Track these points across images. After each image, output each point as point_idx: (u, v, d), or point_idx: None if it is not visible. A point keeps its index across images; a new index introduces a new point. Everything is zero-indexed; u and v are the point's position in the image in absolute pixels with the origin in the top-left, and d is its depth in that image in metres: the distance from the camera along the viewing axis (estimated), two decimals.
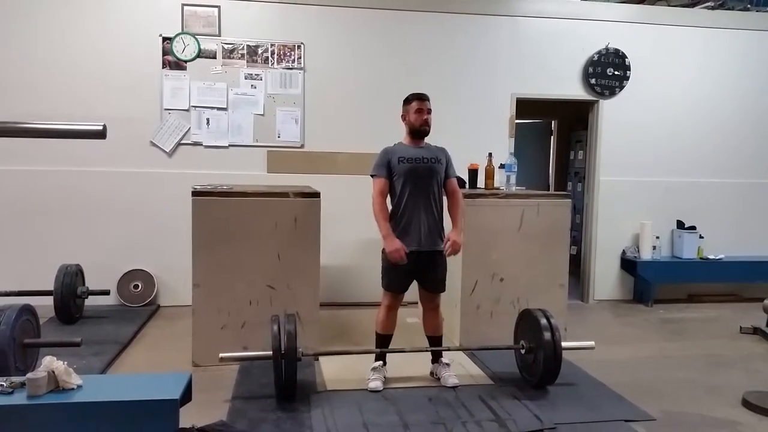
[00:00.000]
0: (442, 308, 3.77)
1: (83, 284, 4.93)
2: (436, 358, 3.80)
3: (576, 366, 3.99)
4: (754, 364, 4.27)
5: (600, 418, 3.24)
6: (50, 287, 4.65)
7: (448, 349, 3.76)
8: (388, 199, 3.67)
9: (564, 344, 3.55)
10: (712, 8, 6.33)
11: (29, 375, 2.33)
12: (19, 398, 2.28)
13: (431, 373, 3.79)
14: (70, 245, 5.28)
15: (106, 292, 5.05)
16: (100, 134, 2.53)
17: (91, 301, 5.00)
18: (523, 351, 3.68)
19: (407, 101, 3.68)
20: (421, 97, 3.65)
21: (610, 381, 3.77)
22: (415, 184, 3.59)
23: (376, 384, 3.56)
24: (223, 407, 3.28)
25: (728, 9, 6.33)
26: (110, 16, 5.36)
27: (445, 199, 3.74)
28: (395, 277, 3.62)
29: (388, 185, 3.63)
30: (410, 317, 4.91)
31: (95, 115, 5.06)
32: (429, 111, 3.65)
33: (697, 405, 3.50)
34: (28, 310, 3.48)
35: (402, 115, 3.71)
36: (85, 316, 4.92)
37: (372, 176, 3.66)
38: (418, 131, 3.64)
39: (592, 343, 3.82)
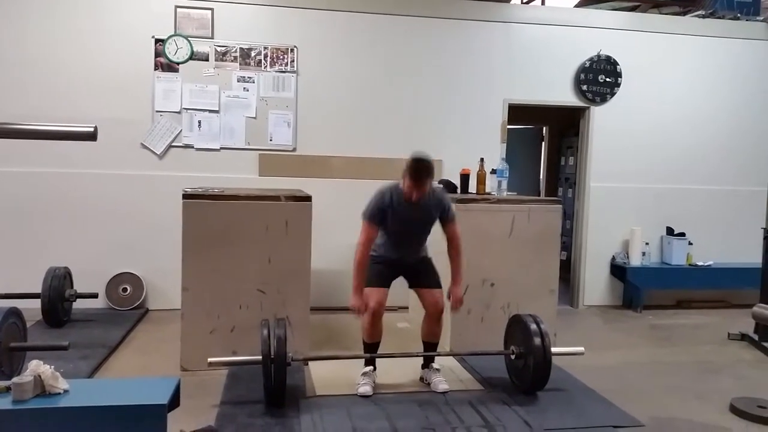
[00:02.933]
0: None
1: (71, 287, 4.89)
2: (427, 363, 3.80)
3: (565, 371, 4.00)
4: (742, 371, 4.30)
5: (589, 423, 3.25)
6: (38, 290, 4.61)
7: (438, 354, 3.75)
8: None
9: (554, 350, 3.56)
10: (703, 17, 6.39)
11: (15, 379, 2.30)
12: (4, 403, 2.25)
13: (421, 378, 3.79)
14: (58, 248, 5.24)
15: (95, 296, 5.01)
16: (91, 136, 2.51)
17: (79, 305, 4.97)
18: (513, 356, 3.68)
19: (407, 173, 3.42)
20: (417, 177, 3.40)
21: (599, 387, 3.78)
22: (404, 234, 3.67)
23: (365, 389, 3.55)
24: (211, 412, 3.26)
25: (719, 18, 6.39)
26: (102, 17, 5.33)
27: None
28: (376, 270, 3.63)
29: (377, 233, 3.61)
30: (401, 322, 4.91)
31: (85, 116, 5.03)
32: (423, 188, 3.44)
33: (685, 411, 3.51)
34: (15, 313, 3.45)
35: (402, 175, 3.50)
36: (72, 320, 4.88)
37: (363, 218, 3.58)
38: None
39: (581, 348, 3.84)
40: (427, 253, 3.81)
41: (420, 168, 3.40)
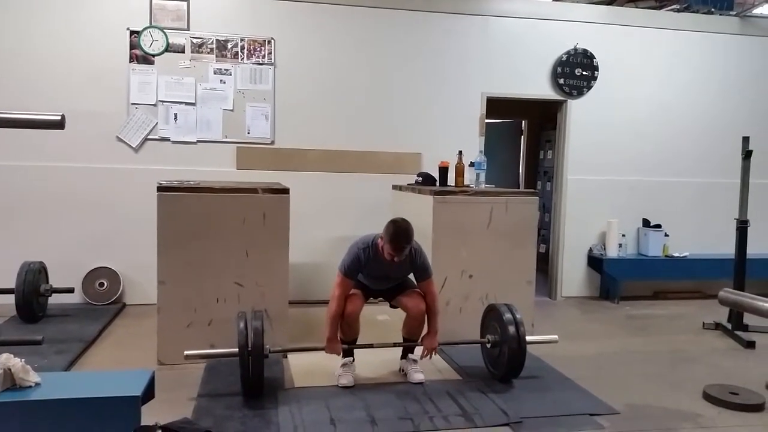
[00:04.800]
0: None
1: (47, 282, 4.82)
2: (405, 354, 3.81)
3: (542, 361, 4.04)
4: (716, 359, 4.37)
5: (565, 411, 3.28)
6: (12, 285, 4.54)
7: (416, 344, 3.76)
8: None
9: (528, 338, 3.60)
10: (678, 11, 6.46)
11: None
12: None
13: (400, 369, 3.80)
14: (33, 242, 5.17)
15: (71, 290, 4.96)
16: (58, 124, 2.47)
17: (54, 300, 4.91)
18: (488, 345, 3.71)
19: (387, 239, 3.40)
20: (399, 247, 3.40)
21: (575, 375, 3.82)
22: (381, 282, 3.74)
23: (346, 380, 3.56)
24: (188, 405, 3.24)
25: (693, 12, 6.46)
26: (77, 9, 5.25)
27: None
28: (358, 284, 3.65)
29: (351, 287, 3.62)
30: (380, 315, 4.91)
31: (60, 109, 4.87)
32: (402, 252, 3.43)
33: (660, 398, 3.56)
34: None
35: (381, 236, 3.50)
36: (48, 315, 4.83)
37: (340, 271, 3.57)
38: None
39: (555, 336, 3.90)
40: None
41: (400, 235, 3.40)
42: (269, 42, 5.56)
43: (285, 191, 4.11)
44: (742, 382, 3.72)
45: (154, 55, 5.37)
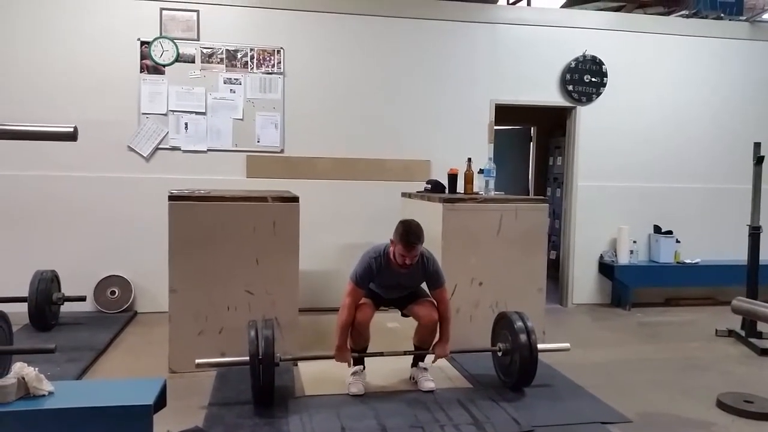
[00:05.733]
0: None
1: (59, 290, 4.86)
2: (416, 362, 3.80)
3: (554, 369, 4.02)
4: (729, 366, 4.33)
5: (577, 420, 3.26)
6: (25, 293, 4.57)
7: (427, 353, 3.75)
8: None
9: (540, 346, 3.58)
10: (687, 17, 6.45)
11: None
12: None
13: (411, 378, 3.79)
14: (46, 251, 5.22)
15: (83, 299, 5.00)
16: (71, 136, 2.49)
17: (67, 308, 4.95)
18: (500, 353, 3.70)
19: (398, 239, 3.41)
20: (409, 245, 3.39)
21: (587, 383, 3.79)
22: (392, 291, 3.73)
23: (357, 388, 3.55)
24: (199, 413, 3.25)
25: (702, 17, 6.44)
26: (88, 19, 5.32)
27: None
28: (369, 292, 3.64)
29: (362, 295, 3.62)
30: (390, 322, 4.91)
31: (71, 118, 4.94)
32: (414, 256, 3.44)
33: (672, 407, 3.53)
34: (0, 316, 3.42)
35: (391, 240, 3.50)
36: (60, 323, 4.86)
37: (351, 280, 3.56)
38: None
39: (567, 344, 3.87)
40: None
41: (410, 233, 3.39)
42: (278, 51, 5.60)
43: (295, 199, 4.13)
44: (757, 390, 3.68)
45: (164, 65, 5.43)
